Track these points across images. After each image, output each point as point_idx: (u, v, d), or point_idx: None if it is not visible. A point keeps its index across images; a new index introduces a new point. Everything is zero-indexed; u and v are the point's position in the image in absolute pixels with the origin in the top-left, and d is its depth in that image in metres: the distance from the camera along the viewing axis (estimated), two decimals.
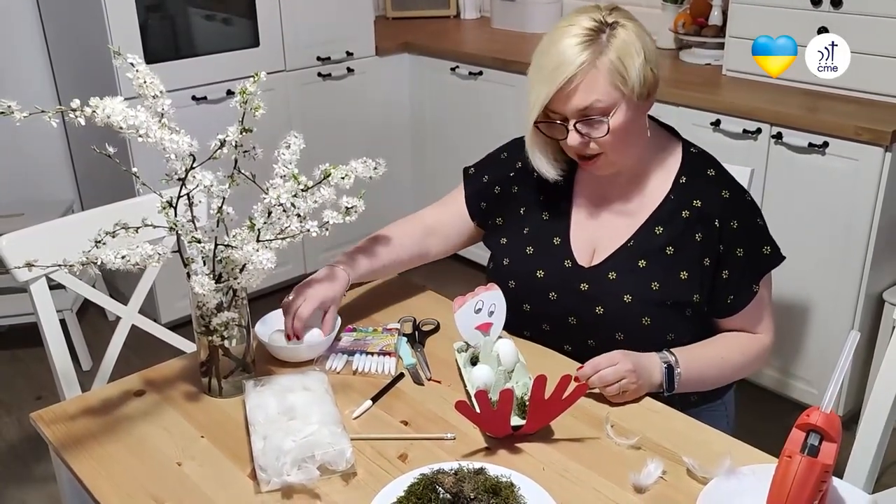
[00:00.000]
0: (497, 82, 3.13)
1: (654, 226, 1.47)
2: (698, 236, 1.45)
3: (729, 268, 1.45)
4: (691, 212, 1.46)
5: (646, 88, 1.38)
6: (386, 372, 1.45)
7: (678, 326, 1.46)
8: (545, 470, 1.20)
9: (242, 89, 1.19)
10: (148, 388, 1.41)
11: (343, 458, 1.18)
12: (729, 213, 1.45)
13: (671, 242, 1.46)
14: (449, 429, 1.29)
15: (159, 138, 1.13)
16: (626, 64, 1.35)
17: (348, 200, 1.33)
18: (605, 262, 1.48)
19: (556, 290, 1.50)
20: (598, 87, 1.35)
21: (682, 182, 1.49)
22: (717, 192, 1.47)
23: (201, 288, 1.26)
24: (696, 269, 1.44)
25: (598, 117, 1.36)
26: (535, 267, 1.52)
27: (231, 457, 1.24)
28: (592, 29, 1.35)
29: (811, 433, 1.02)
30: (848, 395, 2.45)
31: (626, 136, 1.40)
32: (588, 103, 1.35)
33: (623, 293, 1.45)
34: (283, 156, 1.33)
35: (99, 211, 1.77)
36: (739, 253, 1.45)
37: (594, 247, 1.52)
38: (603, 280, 1.47)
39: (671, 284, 1.44)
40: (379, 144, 3.44)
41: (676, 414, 1.34)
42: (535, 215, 1.57)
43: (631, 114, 1.39)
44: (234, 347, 1.38)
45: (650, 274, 1.45)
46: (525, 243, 1.56)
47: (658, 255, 1.46)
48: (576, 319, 1.49)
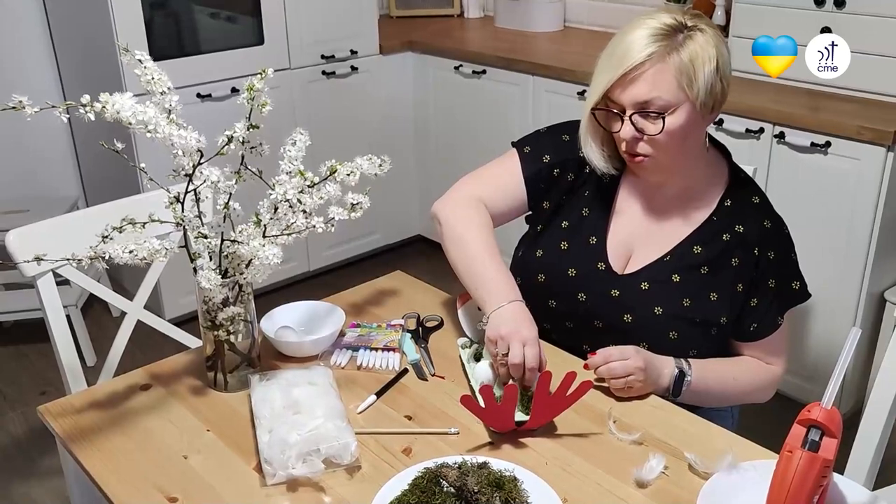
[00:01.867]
0: (500, 81, 3.14)
1: (694, 244, 1.46)
2: (734, 261, 1.44)
3: (759, 296, 1.45)
4: (732, 236, 1.45)
5: (712, 98, 1.34)
6: (390, 367, 1.46)
7: (702, 344, 1.45)
8: (548, 464, 1.21)
9: (250, 86, 1.20)
10: (154, 382, 1.43)
11: (348, 451, 1.19)
12: (768, 244, 1.45)
13: (707, 263, 1.45)
14: (453, 423, 1.30)
15: (168, 134, 1.14)
16: (697, 67, 1.31)
17: (353, 197, 1.34)
18: (640, 272, 1.47)
19: (585, 292, 1.48)
20: (663, 82, 1.31)
21: (727, 205, 1.47)
22: (760, 221, 1.46)
23: (208, 283, 1.27)
24: (727, 292, 1.44)
25: (656, 113, 1.33)
26: (568, 265, 1.50)
27: (236, 450, 1.25)
28: (670, 26, 1.33)
29: (812, 428, 1.03)
30: (849, 393, 2.46)
31: (680, 141, 1.36)
32: (649, 97, 1.32)
33: (654, 305, 1.44)
34: (289, 152, 1.33)
35: (105, 207, 1.78)
36: (771, 284, 1.45)
37: (629, 253, 1.50)
38: (635, 289, 1.46)
39: (702, 303, 1.44)
40: (383, 142, 3.45)
41: (679, 410, 1.35)
42: (576, 209, 1.53)
43: (690, 120, 1.35)
44: (240, 342, 1.39)
45: (683, 290, 1.44)
46: (560, 237, 1.52)
47: (693, 273, 1.45)
48: (602, 323, 1.47)
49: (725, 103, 2.41)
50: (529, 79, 3.02)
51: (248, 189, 1.33)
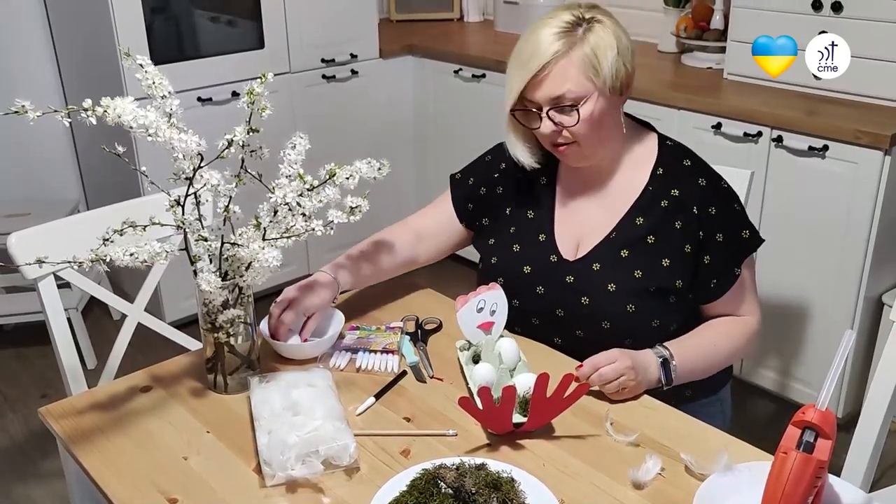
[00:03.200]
0: (500, 85, 3.11)
1: (635, 216, 1.51)
2: (678, 224, 1.48)
3: (710, 253, 1.49)
4: (670, 201, 1.50)
5: (618, 82, 1.43)
6: (389, 369, 1.47)
7: (662, 313, 1.49)
8: (545, 466, 1.22)
9: (250, 90, 1.21)
10: (154, 384, 1.44)
11: (346, 453, 1.20)
12: (706, 200, 1.49)
13: (652, 231, 1.49)
14: (451, 425, 1.31)
15: (168, 138, 1.15)
16: (600, 57, 1.40)
17: (353, 200, 1.35)
18: (589, 254, 1.52)
19: (542, 285, 1.54)
20: (571, 76, 1.40)
21: (658, 173, 1.53)
22: (694, 181, 1.51)
23: (208, 285, 1.28)
24: (677, 256, 1.48)
25: (570, 105, 1.41)
26: (522, 263, 1.56)
27: (236, 451, 1.26)
28: (570, 22, 1.41)
29: (807, 430, 1.04)
30: (847, 397, 2.47)
31: (598, 127, 1.44)
32: (560, 92, 1.40)
33: (607, 283, 1.48)
34: (289, 156, 1.34)
35: (106, 210, 1.79)
36: (719, 238, 1.48)
37: (578, 240, 1.56)
38: (588, 271, 1.51)
39: (653, 272, 1.48)
40: (382, 146, 3.46)
41: (674, 412, 1.36)
42: (520, 214, 1.61)
43: (603, 106, 1.43)
44: (240, 345, 1.40)
45: (633, 263, 1.49)
46: (512, 241, 1.60)
47: (640, 245, 1.50)
48: (563, 311, 1.52)
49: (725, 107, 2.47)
50: None
51: (248, 192, 1.34)
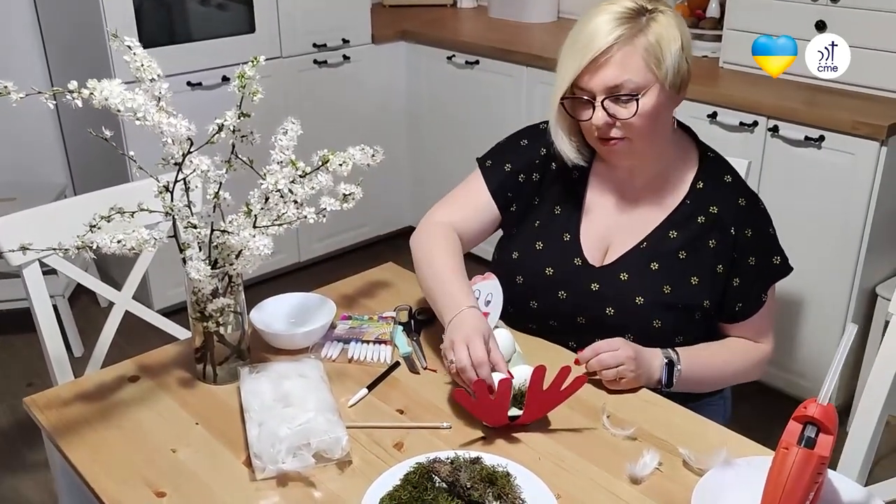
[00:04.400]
0: (494, 72, 3.12)
1: (669, 229, 1.46)
2: (712, 243, 1.44)
3: (740, 276, 1.44)
4: (707, 217, 1.44)
5: (679, 78, 1.36)
6: (381, 360, 1.44)
7: (687, 330, 1.45)
8: (541, 460, 1.20)
9: (241, 73, 1.17)
10: (142, 374, 1.41)
11: (339, 445, 1.18)
12: (744, 222, 1.44)
13: (685, 247, 1.44)
14: (445, 418, 1.29)
15: (157, 122, 1.12)
16: (664, 48, 1.33)
17: (346, 187, 1.32)
18: (617, 262, 1.46)
19: (565, 289, 1.47)
20: (633, 65, 1.32)
21: (699, 187, 1.46)
22: (734, 200, 1.45)
23: (197, 273, 1.25)
24: (707, 274, 1.43)
25: (628, 96, 1.33)
26: (544, 264, 1.49)
27: (226, 443, 1.24)
28: (632, 10, 1.33)
29: (808, 425, 1.02)
30: (839, 389, 2.46)
31: (652, 123, 1.37)
32: (620, 80, 1.32)
33: (635, 295, 1.43)
34: (281, 142, 1.31)
35: (94, 195, 1.76)
36: (752, 262, 1.44)
37: (605, 245, 1.49)
38: (614, 280, 1.45)
39: (683, 288, 1.43)
40: (375, 132, 3.43)
41: (673, 406, 1.34)
42: (547, 207, 1.53)
43: (662, 101, 1.36)
44: (229, 334, 1.37)
45: (662, 277, 1.43)
46: (535, 237, 1.52)
47: (671, 259, 1.44)
48: (584, 319, 1.47)
49: (721, 96, 2.45)
50: (523, 70, 3.00)
51: (238, 178, 1.31)
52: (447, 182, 3.60)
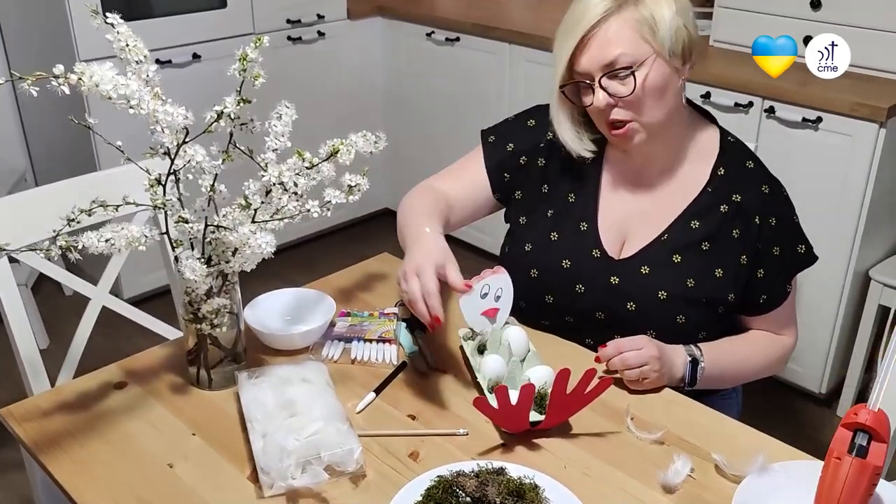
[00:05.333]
0: (475, 49, 3.02)
1: (691, 219, 1.38)
2: (735, 232, 1.37)
3: (765, 267, 1.38)
4: (730, 206, 1.37)
5: (679, 44, 1.28)
6: (387, 360, 1.36)
7: (710, 325, 1.39)
8: (567, 468, 1.13)
9: (243, 55, 1.07)
10: (129, 380, 1.30)
11: (352, 458, 1.10)
12: (768, 210, 1.38)
13: (707, 238, 1.37)
14: (459, 422, 1.21)
15: (152, 109, 1.01)
16: (656, 15, 1.26)
17: (351, 178, 1.23)
18: (638, 255, 1.39)
19: (583, 283, 1.40)
20: (625, 37, 1.26)
21: (720, 173, 1.39)
22: (758, 187, 1.39)
23: (192, 273, 1.15)
24: (731, 266, 1.37)
25: (625, 71, 1.27)
26: (561, 256, 1.41)
27: (228, 456, 1.14)
28: None
29: (858, 432, 0.96)
30: (831, 372, 2.44)
31: (657, 98, 1.29)
32: (614, 55, 1.26)
33: (657, 289, 1.36)
34: (275, 128, 1.21)
35: (61, 185, 1.64)
36: (776, 252, 1.38)
37: (624, 236, 1.42)
38: (635, 275, 1.37)
39: (707, 282, 1.36)
40: (351, 112, 3.33)
41: (697, 405, 1.28)
42: (559, 195, 1.45)
43: (664, 72, 1.28)
44: (224, 334, 1.28)
45: (685, 270, 1.36)
46: (549, 228, 1.44)
47: (694, 251, 1.37)
48: (604, 315, 1.39)
49: (714, 76, 2.39)
50: (506, 47, 2.91)
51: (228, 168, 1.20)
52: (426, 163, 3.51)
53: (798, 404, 2.54)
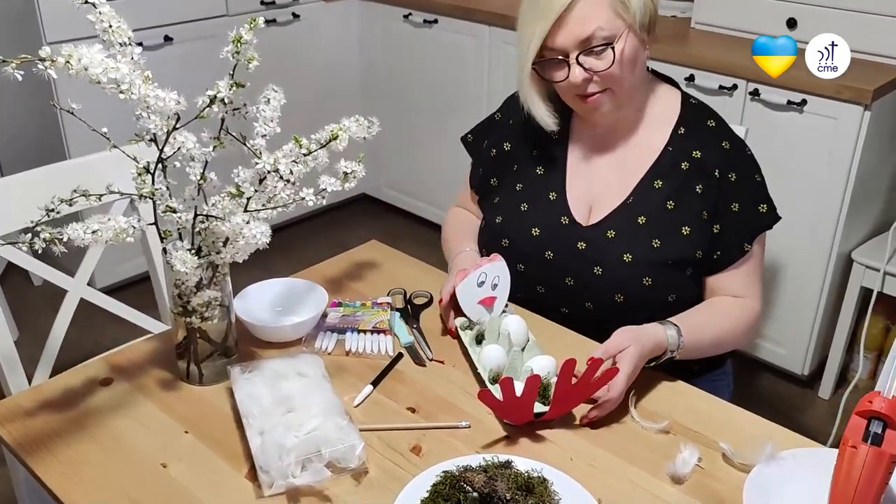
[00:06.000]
0: (454, 32, 2.98)
1: (654, 179, 1.39)
2: (699, 188, 1.37)
3: (722, 222, 1.37)
4: (691, 163, 1.38)
5: (647, 17, 1.31)
6: (382, 352, 1.32)
7: (679, 287, 1.38)
8: (573, 460, 1.11)
9: (237, 37, 1.03)
10: (116, 376, 1.25)
11: (354, 454, 1.06)
12: (728, 165, 1.38)
13: (671, 196, 1.38)
14: (460, 414, 1.18)
15: (143, 94, 0.96)
16: None
17: (346, 165, 1.19)
18: (605, 220, 1.40)
19: (552, 249, 1.41)
20: (600, 14, 1.28)
21: (680, 133, 1.41)
22: (718, 143, 1.39)
23: (183, 265, 1.10)
24: (696, 223, 1.37)
25: (602, 46, 1.28)
26: (531, 224, 1.43)
27: (223, 454, 1.10)
28: None
29: (873, 420, 0.95)
30: (813, 354, 2.45)
31: (631, 69, 1.32)
32: (590, 31, 1.27)
33: (623, 253, 1.36)
34: (264, 113, 1.17)
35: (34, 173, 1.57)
36: (734, 208, 1.37)
37: (591, 202, 1.43)
38: (602, 239, 1.38)
39: (673, 242, 1.36)
40: (326, 96, 3.27)
41: (700, 393, 1.26)
42: (529, 171, 1.48)
43: (636, 45, 1.31)
44: (214, 327, 1.23)
45: (651, 231, 1.37)
46: (519, 200, 1.46)
47: (659, 211, 1.38)
48: (573, 280, 1.40)
49: (697, 58, 2.37)
50: (486, 29, 2.86)
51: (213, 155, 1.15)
52: (403, 148, 3.47)
53: (780, 386, 2.55)
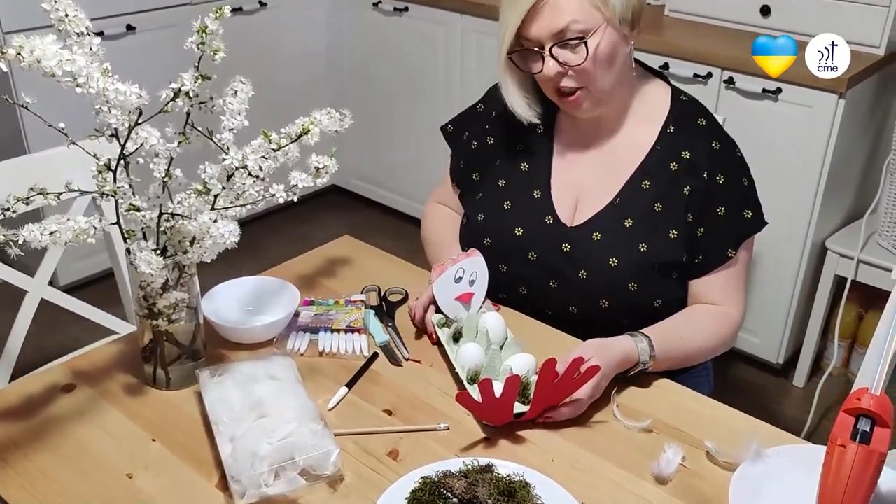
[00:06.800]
0: (425, 20, 2.93)
1: (641, 179, 1.35)
2: (686, 189, 1.33)
3: (706, 226, 1.33)
4: (679, 163, 1.34)
5: (629, 11, 1.26)
6: (357, 352, 1.28)
7: (666, 291, 1.34)
8: (555, 462, 1.08)
9: (202, 27, 0.97)
10: (78, 381, 1.20)
11: (329, 461, 1.02)
12: (717, 167, 1.34)
13: (659, 198, 1.34)
14: (438, 416, 1.15)
15: (102, 88, 0.91)
16: None
17: (318, 159, 1.14)
18: (590, 221, 1.35)
19: (536, 250, 1.37)
20: (575, 5, 1.23)
21: (669, 131, 1.36)
22: (708, 143, 1.35)
23: (148, 267, 1.05)
24: (683, 225, 1.33)
25: (576, 40, 1.24)
26: (514, 223, 1.38)
27: (192, 463, 1.06)
28: None
29: (861, 418, 0.93)
30: (788, 343, 2.45)
31: (609, 66, 1.27)
32: (565, 24, 1.23)
33: (608, 256, 1.32)
34: (231, 105, 1.12)
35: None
36: (720, 212, 1.33)
37: (576, 199, 1.39)
38: (587, 241, 1.34)
39: (660, 245, 1.32)
40: (295, 88, 3.21)
41: (685, 391, 1.24)
42: (512, 166, 1.43)
43: (614, 40, 1.26)
44: (181, 327, 1.18)
45: (638, 234, 1.33)
46: (502, 197, 1.41)
47: (646, 213, 1.34)
48: (557, 283, 1.36)
49: (672, 46, 2.35)
50: (457, 17, 2.82)
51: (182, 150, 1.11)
52: (374, 139, 3.41)
53: (755, 375, 2.55)
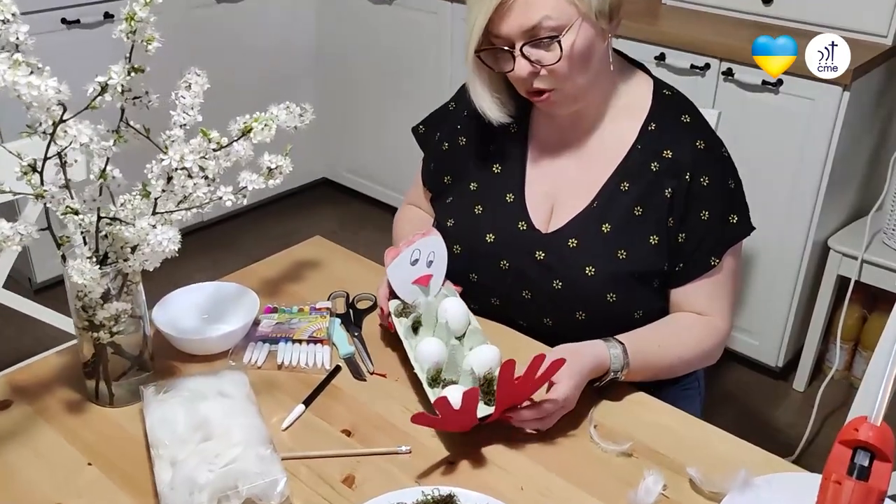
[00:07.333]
0: (413, 8, 2.83)
1: (620, 181, 1.25)
2: (668, 192, 1.23)
3: (688, 231, 1.23)
4: (661, 163, 1.23)
5: (606, 4, 1.15)
6: (318, 364, 1.20)
7: (646, 302, 1.24)
8: (524, 489, 0.99)
9: (130, 14, 0.88)
10: (15, 398, 1.12)
11: (275, 490, 0.94)
12: (701, 167, 1.23)
13: (639, 201, 1.23)
14: (399, 437, 1.06)
15: (12, 82, 0.82)
16: None
17: (271, 159, 1.05)
18: (566, 227, 1.26)
19: (508, 259, 1.27)
20: (548, 0, 1.12)
21: (651, 128, 1.26)
22: (691, 141, 1.24)
23: (81, 276, 0.97)
24: (664, 230, 1.23)
25: (549, 38, 1.13)
26: (485, 230, 1.29)
27: (130, 490, 0.98)
28: None
29: (858, 450, 0.84)
30: (788, 346, 2.35)
31: (584, 64, 1.17)
32: (536, 20, 1.12)
33: (584, 264, 1.22)
34: (183, 99, 1.03)
35: None
36: (704, 216, 1.23)
37: (552, 203, 1.29)
38: (562, 249, 1.24)
39: (640, 252, 1.22)
40: (279, 78, 3.12)
41: (667, 408, 1.15)
42: (484, 168, 1.33)
43: (590, 36, 1.15)
44: (128, 338, 1.10)
45: (616, 241, 1.23)
46: (473, 201, 1.32)
47: (625, 218, 1.23)
48: (530, 293, 1.26)
49: (668, 36, 2.25)
50: (447, 5, 2.72)
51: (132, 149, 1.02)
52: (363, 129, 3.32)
53: (753, 378, 2.46)
